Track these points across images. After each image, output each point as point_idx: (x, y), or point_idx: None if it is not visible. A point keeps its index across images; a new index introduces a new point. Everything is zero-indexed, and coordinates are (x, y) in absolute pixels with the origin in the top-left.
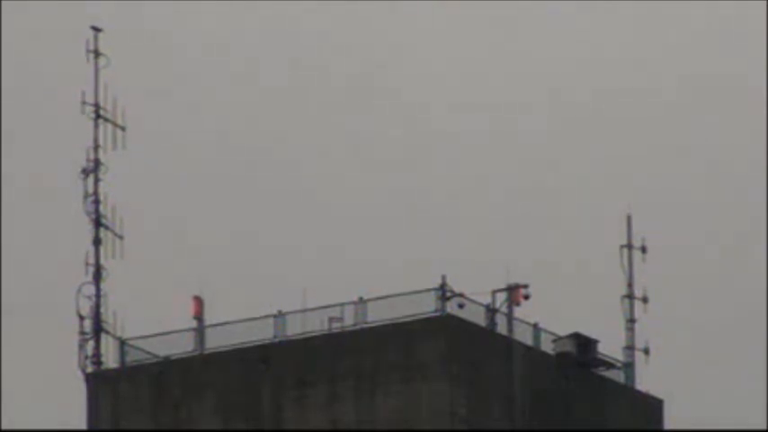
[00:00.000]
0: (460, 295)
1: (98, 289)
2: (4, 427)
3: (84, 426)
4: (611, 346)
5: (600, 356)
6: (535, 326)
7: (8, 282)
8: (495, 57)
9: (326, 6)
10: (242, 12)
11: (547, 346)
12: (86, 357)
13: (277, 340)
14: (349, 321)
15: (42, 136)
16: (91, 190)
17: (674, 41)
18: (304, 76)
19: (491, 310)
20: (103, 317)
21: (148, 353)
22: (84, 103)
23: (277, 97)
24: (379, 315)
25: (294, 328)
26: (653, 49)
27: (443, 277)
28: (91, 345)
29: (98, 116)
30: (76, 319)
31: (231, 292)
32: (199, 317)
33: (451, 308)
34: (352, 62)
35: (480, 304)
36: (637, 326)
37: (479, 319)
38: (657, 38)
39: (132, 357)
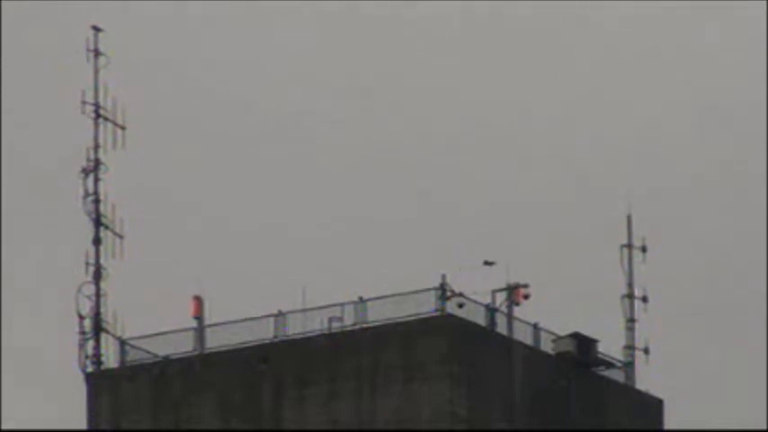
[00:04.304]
0: (460, 295)
1: (98, 289)
2: (4, 427)
3: (84, 426)
4: (611, 346)
5: (600, 356)
6: (535, 326)
7: (8, 281)
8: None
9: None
10: (241, 11)
11: (547, 346)
12: (86, 357)
13: (277, 340)
14: (349, 321)
15: (42, 136)
16: (91, 190)
17: (674, 43)
18: (303, 76)
19: (491, 310)
20: (103, 317)
21: (148, 353)
22: (84, 102)
23: (276, 97)
24: (379, 315)
25: (294, 328)
26: (652, 50)
27: (443, 277)
28: (91, 345)
29: (98, 116)
30: (76, 319)
31: (231, 292)
32: (199, 317)
33: (451, 308)
34: (352, 61)
35: (480, 304)
36: (637, 326)
37: (479, 319)
38: (658, 38)
39: (132, 357)
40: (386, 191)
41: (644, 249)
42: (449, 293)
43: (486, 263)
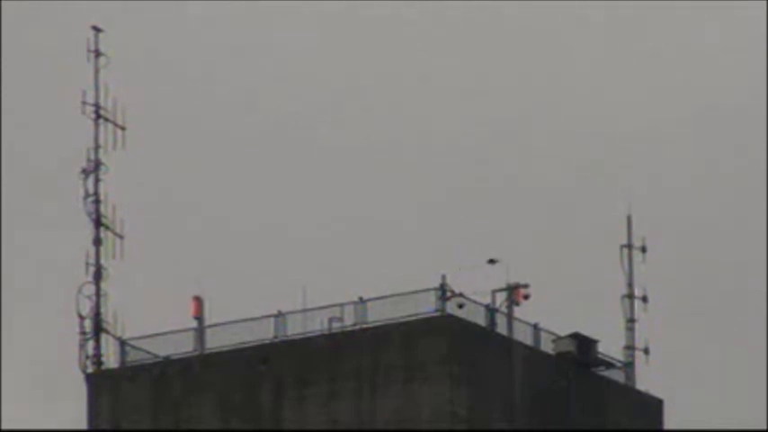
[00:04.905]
0: (460, 295)
1: (98, 289)
2: (4, 427)
3: (84, 426)
4: (611, 346)
5: (600, 356)
6: (535, 326)
7: (9, 281)
8: (493, 60)
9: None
10: (241, 11)
11: (547, 346)
12: (86, 357)
13: (277, 340)
14: (349, 321)
15: (42, 136)
16: (91, 190)
17: (674, 43)
18: (303, 76)
19: (491, 310)
20: (103, 317)
21: (148, 353)
22: (84, 103)
23: (276, 97)
24: (379, 315)
25: (294, 328)
26: (652, 50)
27: (443, 277)
28: (91, 345)
29: (98, 116)
30: (76, 319)
31: (231, 292)
32: (199, 317)
33: (451, 308)
34: (346, 64)
35: (480, 304)
36: (637, 326)
37: (479, 319)
38: (658, 38)
39: (132, 357)
40: (386, 191)
41: (644, 249)
42: (449, 293)
43: (491, 261)
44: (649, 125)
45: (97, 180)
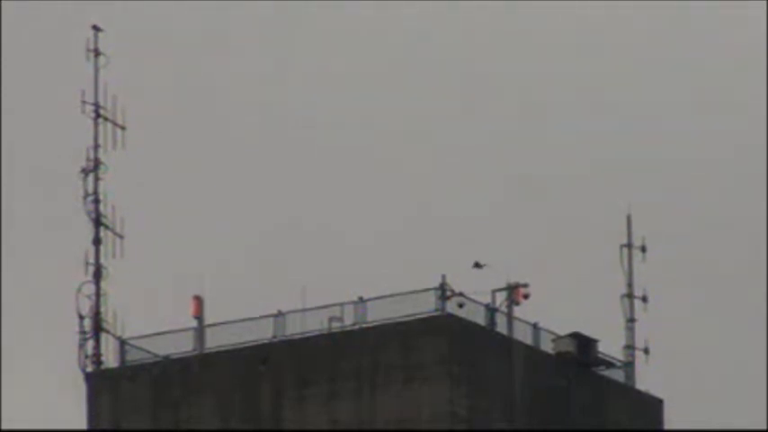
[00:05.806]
0: (460, 295)
1: (98, 289)
2: (4, 427)
3: (84, 426)
4: (611, 346)
5: (600, 356)
6: (535, 326)
7: (8, 281)
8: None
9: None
10: (241, 11)
11: (547, 346)
12: (86, 357)
13: (277, 340)
14: (349, 321)
15: (42, 136)
16: (91, 190)
17: (674, 43)
18: (304, 76)
19: (491, 310)
20: (103, 316)
21: (148, 353)
22: (84, 102)
23: (276, 97)
24: (379, 315)
25: (294, 328)
26: (652, 50)
27: (443, 277)
28: (91, 344)
29: (98, 116)
30: (76, 319)
31: (231, 292)
32: (199, 317)
33: (451, 308)
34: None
35: (480, 304)
36: (637, 326)
37: (479, 318)
38: (658, 38)
39: (132, 357)
40: (386, 191)
41: (644, 249)
42: (449, 293)
43: (476, 265)
44: (649, 125)
45: (97, 179)
